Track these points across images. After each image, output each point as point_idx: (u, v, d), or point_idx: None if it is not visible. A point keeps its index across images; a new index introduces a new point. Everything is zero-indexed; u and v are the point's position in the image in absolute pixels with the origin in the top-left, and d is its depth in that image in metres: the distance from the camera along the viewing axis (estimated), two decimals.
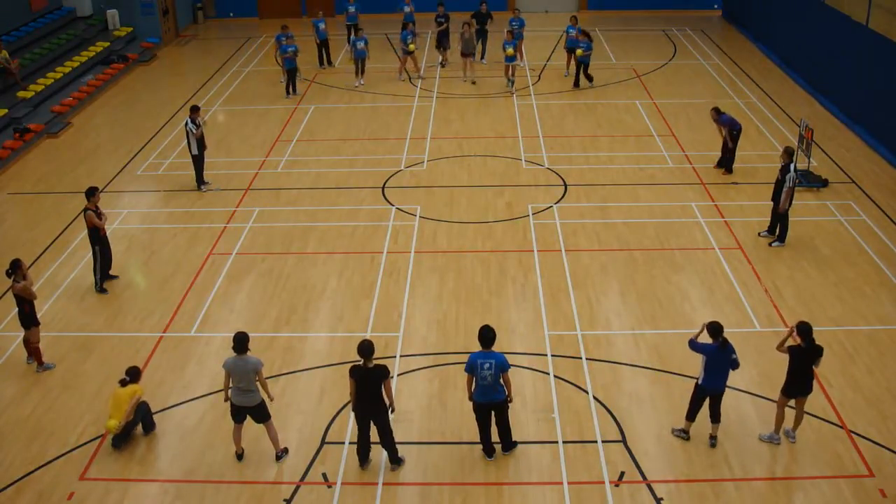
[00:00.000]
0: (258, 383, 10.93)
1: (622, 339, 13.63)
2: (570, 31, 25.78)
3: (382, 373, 10.50)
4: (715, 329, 10.90)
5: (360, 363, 10.50)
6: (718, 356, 10.93)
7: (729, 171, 19.32)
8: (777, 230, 16.29)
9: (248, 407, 10.96)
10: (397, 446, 10.98)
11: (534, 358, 13.09)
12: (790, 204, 15.89)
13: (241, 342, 10.79)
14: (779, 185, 15.91)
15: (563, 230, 16.98)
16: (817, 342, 10.98)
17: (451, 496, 10.61)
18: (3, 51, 24.27)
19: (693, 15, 34.72)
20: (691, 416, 11.35)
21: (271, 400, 11.20)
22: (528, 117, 23.20)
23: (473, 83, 25.94)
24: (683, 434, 11.45)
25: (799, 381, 11.07)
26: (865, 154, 20.62)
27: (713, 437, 11.32)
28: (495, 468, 11.02)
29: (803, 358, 10.97)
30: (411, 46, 25.82)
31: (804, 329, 10.91)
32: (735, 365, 11.03)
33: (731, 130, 19.03)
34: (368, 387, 10.51)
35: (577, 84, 25.19)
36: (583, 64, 24.99)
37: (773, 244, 16.19)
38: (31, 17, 28.08)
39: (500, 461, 11.12)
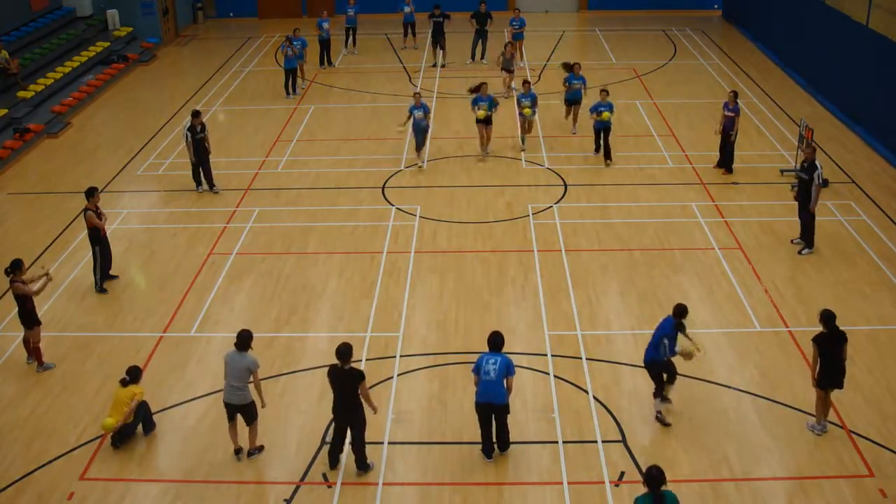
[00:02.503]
0: (252, 384, 10.95)
1: (622, 339, 13.63)
2: (574, 81, 21.27)
3: (357, 376, 10.50)
4: (681, 311, 11.34)
5: (338, 365, 10.55)
6: (671, 332, 11.29)
7: (729, 171, 19.31)
8: (804, 234, 16.06)
9: (238, 405, 10.99)
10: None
11: (534, 358, 13.09)
12: (816, 204, 15.67)
13: (242, 339, 10.89)
14: (804, 184, 15.64)
15: (563, 230, 16.98)
16: (833, 314, 11.12)
17: (451, 496, 10.61)
18: (3, 51, 24.28)
19: (693, 15, 34.72)
20: (658, 392, 11.69)
21: (263, 406, 11.20)
22: None
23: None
24: (660, 415, 11.72)
25: (833, 371, 11.12)
26: (865, 154, 20.62)
27: (667, 397, 11.73)
28: (495, 468, 11.02)
29: (830, 345, 11.04)
30: (480, 113, 20.03)
31: (827, 316, 11.05)
32: (672, 351, 11.34)
33: (735, 121, 18.89)
34: (343, 390, 10.55)
35: (608, 155, 19.91)
36: (604, 130, 19.82)
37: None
38: (31, 17, 28.07)
39: (499, 461, 11.12)
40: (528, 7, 34.55)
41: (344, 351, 10.52)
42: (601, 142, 19.97)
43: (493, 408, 10.82)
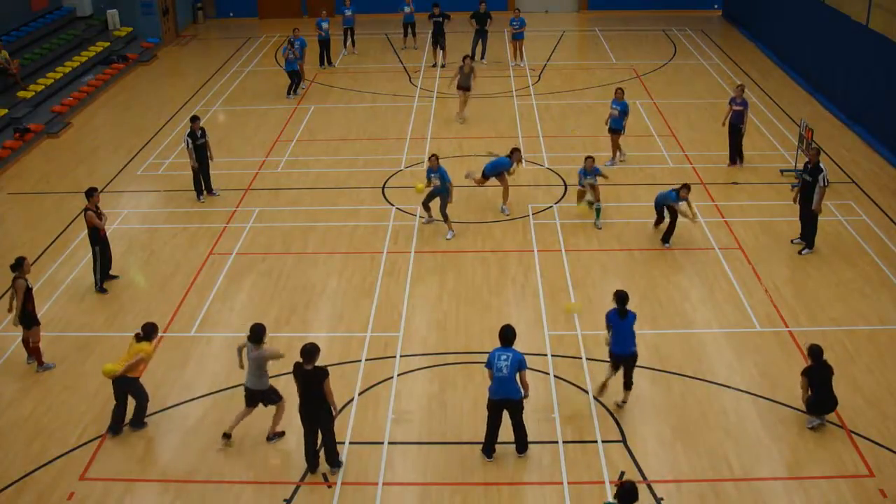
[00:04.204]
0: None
1: None
2: (615, 106, 19.47)
3: (321, 375, 10.52)
4: (619, 297, 11.66)
5: (301, 363, 10.58)
6: (617, 322, 11.60)
7: (741, 161, 19.67)
8: (805, 234, 16.07)
9: (259, 391, 11.29)
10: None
11: (534, 358, 13.08)
12: (819, 204, 15.68)
13: (255, 333, 11.14)
14: (808, 186, 15.63)
15: (563, 230, 16.97)
16: (821, 349, 11.39)
17: (451, 496, 10.61)
18: (3, 51, 24.28)
19: (693, 15, 34.73)
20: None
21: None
22: (528, 117, 23.20)
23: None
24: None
25: (823, 400, 11.34)
26: (865, 154, 20.62)
27: (623, 402, 11.95)
28: (495, 468, 11.02)
29: (819, 376, 11.28)
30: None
31: (815, 351, 11.31)
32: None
33: (744, 114, 19.18)
34: (309, 390, 10.56)
35: (666, 238, 16.35)
36: (670, 208, 16.31)
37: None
38: (31, 17, 28.09)
39: (500, 461, 11.12)
40: (528, 7, 34.57)
41: (308, 351, 10.52)
42: (664, 219, 16.59)
43: (508, 403, 10.82)
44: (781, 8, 27.93)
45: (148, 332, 11.66)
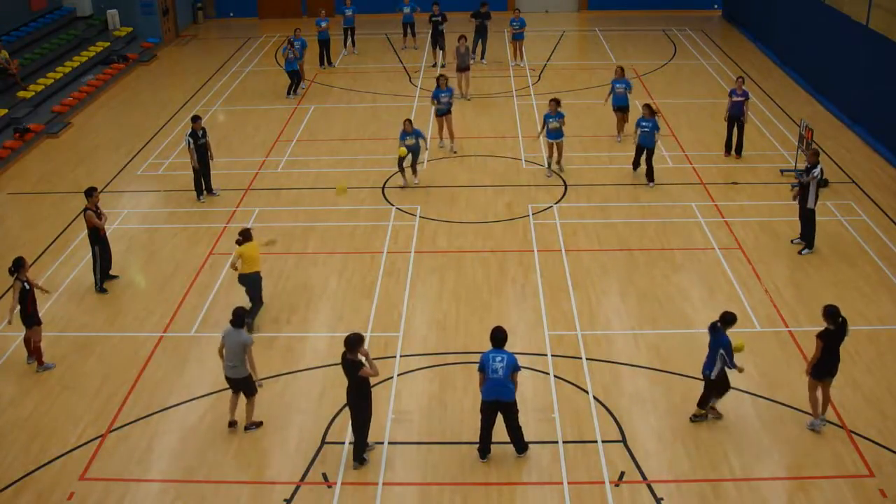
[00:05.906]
0: (247, 359, 11.38)
1: (622, 339, 13.63)
2: (617, 85, 20.86)
3: (355, 368, 10.61)
4: (725, 319, 11.35)
5: (345, 353, 10.70)
6: (712, 339, 11.36)
7: (739, 154, 19.84)
8: (804, 234, 16.09)
9: (235, 379, 11.45)
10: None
11: (534, 358, 13.09)
12: (815, 202, 15.68)
13: (237, 316, 11.31)
14: (806, 185, 15.65)
15: (563, 230, 16.98)
16: (838, 309, 11.25)
17: (451, 496, 10.61)
18: (3, 51, 24.28)
19: (693, 15, 34.72)
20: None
21: (259, 385, 11.66)
22: (528, 117, 23.19)
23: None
24: (716, 415, 11.82)
25: (831, 363, 11.24)
26: (865, 154, 20.62)
27: (695, 417, 11.75)
28: (495, 468, 11.02)
29: (835, 339, 11.17)
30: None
31: (832, 312, 11.14)
32: (721, 359, 11.30)
33: (744, 105, 19.50)
34: (348, 378, 10.74)
35: (650, 176, 18.73)
36: (647, 148, 18.59)
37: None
38: (31, 17, 28.11)
39: (500, 461, 11.12)
40: (528, 7, 34.58)
41: (349, 340, 10.61)
42: (641, 160, 18.78)
43: (500, 405, 10.81)
44: (781, 8, 27.92)
45: (245, 237, 13.68)
